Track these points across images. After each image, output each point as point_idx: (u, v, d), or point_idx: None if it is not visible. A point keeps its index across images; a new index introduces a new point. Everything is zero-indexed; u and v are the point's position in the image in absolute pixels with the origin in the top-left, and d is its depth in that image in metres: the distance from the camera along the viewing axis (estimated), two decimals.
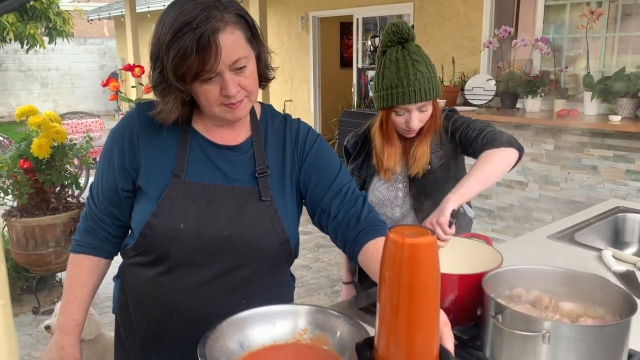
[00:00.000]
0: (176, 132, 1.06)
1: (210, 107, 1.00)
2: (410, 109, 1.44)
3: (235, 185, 1.06)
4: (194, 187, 1.04)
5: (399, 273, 0.75)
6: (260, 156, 1.08)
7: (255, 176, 1.07)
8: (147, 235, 1.04)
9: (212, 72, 0.94)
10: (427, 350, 0.77)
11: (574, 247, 1.67)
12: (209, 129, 1.08)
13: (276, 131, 1.13)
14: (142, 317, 1.12)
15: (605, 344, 0.92)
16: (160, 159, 1.05)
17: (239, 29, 0.95)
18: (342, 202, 1.09)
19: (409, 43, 1.44)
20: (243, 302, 1.07)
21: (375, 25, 6.85)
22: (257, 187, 1.06)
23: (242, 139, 1.09)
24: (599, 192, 3.45)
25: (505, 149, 1.38)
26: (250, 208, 1.05)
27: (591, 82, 3.52)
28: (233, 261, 1.06)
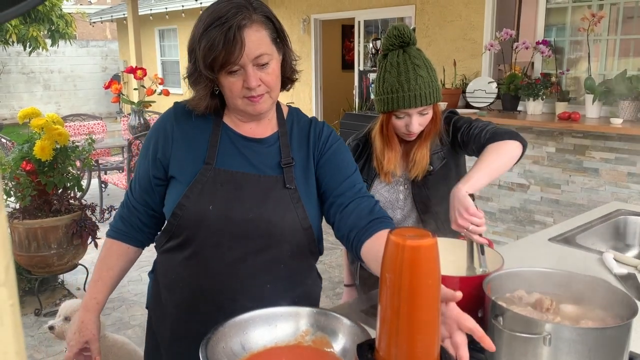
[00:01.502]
0: (208, 126, 1.16)
1: (234, 99, 1.09)
2: (411, 113, 1.45)
3: (262, 173, 1.13)
4: (223, 173, 1.12)
5: (400, 275, 0.75)
6: (286, 149, 1.16)
7: (281, 166, 1.14)
8: (177, 215, 1.11)
9: (236, 64, 1.03)
10: (428, 352, 0.77)
11: (575, 249, 1.68)
12: (237, 123, 1.17)
13: (301, 129, 1.21)
14: (172, 302, 1.18)
15: (606, 347, 0.93)
16: (193, 149, 1.14)
17: (264, 29, 1.05)
18: (354, 195, 1.15)
19: (410, 47, 1.45)
20: (268, 286, 1.13)
21: (377, 27, 6.86)
22: (282, 175, 1.14)
23: (269, 134, 1.18)
24: (601, 195, 3.45)
25: (510, 141, 1.38)
26: (275, 194, 1.12)
27: (592, 85, 3.52)
28: (257, 244, 1.11)
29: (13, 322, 0.28)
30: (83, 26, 12.66)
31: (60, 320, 2.16)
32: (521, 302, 1.10)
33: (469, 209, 1.19)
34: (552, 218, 3.70)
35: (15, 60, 12.11)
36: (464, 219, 1.20)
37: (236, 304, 1.09)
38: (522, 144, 1.40)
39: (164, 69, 10.93)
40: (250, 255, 1.11)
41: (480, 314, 1.09)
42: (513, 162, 1.39)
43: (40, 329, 2.98)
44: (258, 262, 1.12)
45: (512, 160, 1.38)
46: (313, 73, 7.60)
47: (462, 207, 1.20)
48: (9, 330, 0.28)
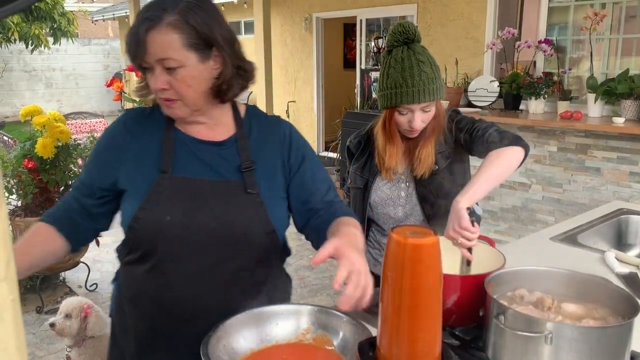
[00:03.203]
0: (160, 133, 1.11)
1: (155, 97, 1.06)
2: (414, 109, 1.44)
3: (222, 179, 1.09)
4: (180, 181, 1.07)
5: (401, 273, 0.75)
6: (245, 152, 1.11)
7: (241, 170, 1.10)
8: (134, 228, 1.06)
9: (143, 62, 1.01)
10: (429, 350, 0.77)
11: (577, 248, 1.67)
12: (187, 126, 1.11)
13: (264, 130, 1.16)
14: (137, 316, 1.13)
15: (607, 346, 0.92)
16: (146, 158, 1.08)
17: (176, 33, 0.99)
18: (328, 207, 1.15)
19: (415, 43, 1.45)
20: (235, 293, 1.09)
21: (379, 26, 6.85)
22: (242, 180, 1.09)
23: (226, 136, 1.13)
24: (602, 194, 3.44)
25: (511, 147, 1.38)
26: (236, 200, 1.08)
27: (595, 84, 3.51)
28: (221, 253, 1.07)
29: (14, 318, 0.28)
30: (85, 24, 12.66)
31: (61, 318, 2.16)
32: (523, 301, 1.09)
33: (461, 223, 1.23)
34: (554, 217, 3.69)
35: (18, 58, 12.12)
36: (456, 232, 1.24)
37: (202, 316, 1.06)
38: (524, 149, 1.40)
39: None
40: (214, 265, 1.07)
41: (481, 313, 1.09)
42: (514, 169, 1.39)
43: (41, 326, 2.99)
44: (222, 271, 1.08)
45: (512, 168, 1.39)
46: (315, 72, 7.60)
47: (456, 219, 1.24)
48: (10, 326, 0.28)
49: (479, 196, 1.32)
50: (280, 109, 7.99)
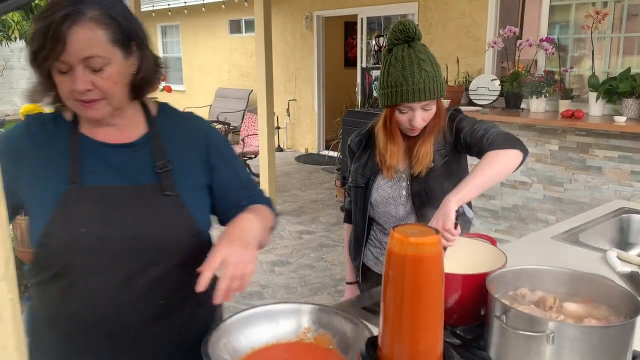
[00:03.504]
0: (65, 140, 1.02)
1: (67, 100, 0.97)
2: (414, 107, 1.44)
3: (137, 183, 1.02)
4: (92, 191, 1.00)
5: (403, 272, 0.75)
6: (160, 152, 1.05)
7: (156, 172, 1.03)
8: (45, 245, 0.97)
9: (61, 61, 0.92)
10: (430, 350, 0.77)
11: (578, 247, 1.67)
12: (95, 130, 1.04)
13: (179, 127, 1.11)
14: (56, 336, 1.05)
15: (609, 345, 0.92)
16: (51, 169, 1.00)
17: (101, 28, 0.93)
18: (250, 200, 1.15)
19: (416, 42, 1.44)
20: (160, 302, 1.04)
21: (380, 24, 6.84)
22: (159, 182, 1.03)
23: (137, 136, 1.06)
24: (604, 193, 3.44)
25: (509, 150, 1.37)
26: (155, 204, 1.02)
27: (596, 83, 3.50)
28: (142, 261, 1.01)
29: (13, 317, 0.27)
30: None
31: None
32: (524, 300, 1.09)
33: (446, 223, 1.24)
34: (555, 216, 3.69)
35: (18, 56, 12.11)
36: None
37: (128, 329, 1.02)
38: (522, 153, 1.39)
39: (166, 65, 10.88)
40: (135, 275, 1.01)
41: (482, 312, 1.09)
42: (509, 172, 1.39)
43: None
44: (145, 281, 1.02)
45: (508, 171, 1.38)
46: (315, 70, 7.59)
47: (441, 218, 1.25)
48: (9, 325, 0.27)
49: (471, 196, 1.32)
50: (281, 108, 7.98)
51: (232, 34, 9.18)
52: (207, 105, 9.27)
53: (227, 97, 8.95)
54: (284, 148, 8.37)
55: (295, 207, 5.39)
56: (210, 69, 9.75)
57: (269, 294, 3.46)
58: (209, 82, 9.78)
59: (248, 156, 6.28)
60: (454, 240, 1.25)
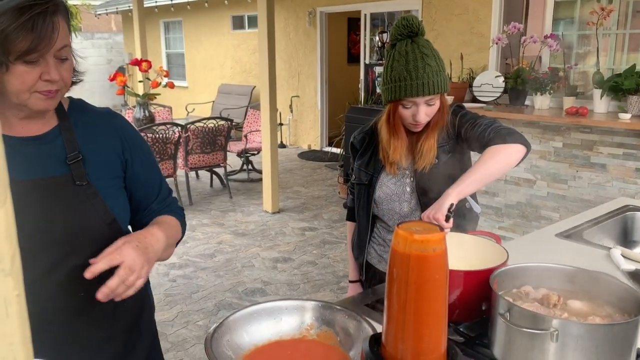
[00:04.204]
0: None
1: (22, 93, 0.95)
2: (418, 102, 1.44)
3: (47, 175, 1.02)
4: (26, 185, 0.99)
5: (407, 270, 0.75)
6: (71, 144, 1.05)
7: (67, 163, 1.04)
8: None
9: (41, 52, 0.92)
10: (434, 347, 0.76)
11: (582, 245, 1.66)
12: (8, 124, 1.01)
13: (92, 120, 1.12)
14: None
15: (614, 343, 0.92)
16: None
17: (65, 19, 0.95)
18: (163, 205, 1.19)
19: (419, 37, 1.44)
20: (81, 294, 1.04)
21: (383, 20, 6.82)
22: (70, 174, 1.03)
23: (47, 129, 1.05)
24: (608, 191, 3.43)
25: (511, 145, 1.37)
26: (65, 194, 1.02)
27: (601, 80, 3.49)
28: (57, 253, 1.01)
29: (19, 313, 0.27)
30: (88, 18, 12.65)
31: None
32: (528, 298, 1.09)
33: (437, 214, 1.28)
34: (559, 213, 3.68)
35: None
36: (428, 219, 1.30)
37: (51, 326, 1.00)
38: (525, 147, 1.39)
39: (169, 61, 10.93)
40: (53, 268, 1.00)
41: (484, 307, 1.09)
42: (511, 167, 1.39)
43: None
44: (63, 272, 1.01)
45: (509, 165, 1.38)
46: (318, 66, 7.58)
47: (434, 209, 1.29)
48: (15, 321, 0.27)
49: (470, 191, 1.34)
50: (284, 104, 7.98)
51: (235, 30, 9.16)
52: (209, 102, 9.27)
53: (229, 93, 8.94)
54: (286, 144, 8.37)
55: (297, 203, 5.40)
56: (213, 65, 9.75)
57: (272, 290, 3.46)
58: (212, 78, 9.78)
59: (251, 152, 6.28)
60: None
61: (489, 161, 1.35)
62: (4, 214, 0.27)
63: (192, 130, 5.21)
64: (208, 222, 4.87)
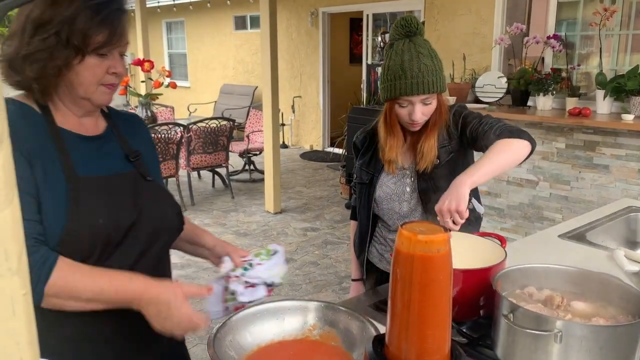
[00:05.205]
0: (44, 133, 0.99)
1: (90, 86, 0.98)
2: (414, 101, 1.44)
3: (120, 172, 1.07)
4: (90, 182, 1.01)
5: (411, 270, 0.74)
6: (125, 142, 1.11)
7: (130, 160, 1.09)
8: (68, 242, 0.95)
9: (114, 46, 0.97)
10: (438, 348, 0.76)
11: (586, 246, 1.66)
12: (75, 123, 1.04)
13: (126, 121, 1.17)
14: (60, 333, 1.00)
15: (617, 345, 0.91)
16: (45, 164, 0.97)
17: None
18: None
19: (417, 37, 1.44)
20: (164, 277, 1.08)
21: (386, 21, 6.82)
22: (135, 170, 1.09)
23: (102, 129, 1.10)
24: (611, 192, 3.42)
25: (519, 140, 1.37)
26: (141, 190, 1.08)
27: (604, 80, 3.48)
28: (142, 245, 1.05)
29: (26, 312, 0.27)
30: None
31: None
32: (531, 299, 1.09)
33: (460, 205, 1.22)
34: (561, 214, 3.67)
35: None
36: (449, 211, 1.24)
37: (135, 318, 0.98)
38: (531, 144, 1.39)
39: (171, 61, 10.94)
40: (141, 257, 1.05)
41: (482, 302, 1.12)
42: (519, 161, 1.39)
43: None
44: (149, 261, 1.06)
45: (518, 159, 1.38)
46: (321, 66, 7.58)
47: (455, 199, 1.23)
48: (22, 320, 0.27)
49: (484, 181, 1.32)
50: (286, 104, 7.98)
51: (237, 30, 9.17)
52: (212, 102, 9.28)
53: (231, 93, 8.95)
54: (288, 145, 8.37)
55: (299, 204, 5.40)
56: (215, 65, 9.76)
57: (274, 290, 3.46)
58: (214, 79, 9.79)
59: (253, 153, 6.29)
60: (459, 224, 1.25)
61: (500, 153, 1.34)
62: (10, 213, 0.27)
63: (194, 130, 5.21)
64: (210, 222, 4.87)
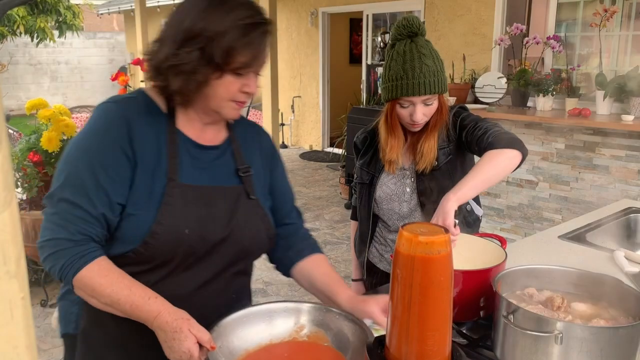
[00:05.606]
0: (163, 135, 1.01)
1: (222, 101, 1.01)
2: (415, 101, 1.43)
3: (225, 185, 1.07)
4: (190, 189, 1.01)
5: (412, 272, 0.74)
6: (240, 156, 1.11)
7: (239, 175, 1.09)
8: (150, 244, 0.98)
9: (253, 68, 0.99)
10: (438, 350, 0.76)
11: (586, 247, 1.66)
12: (195, 129, 1.05)
13: (249, 135, 1.16)
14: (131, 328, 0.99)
15: (618, 346, 0.91)
16: (152, 162, 0.99)
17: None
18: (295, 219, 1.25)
19: (419, 37, 1.44)
20: (233, 296, 1.11)
21: (385, 21, 6.81)
22: (242, 185, 1.08)
23: (222, 139, 1.10)
24: (610, 192, 3.42)
25: (508, 150, 1.35)
26: (242, 207, 1.07)
27: (604, 81, 3.48)
28: (227, 260, 1.07)
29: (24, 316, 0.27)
30: (90, 18, 12.65)
31: None
32: (532, 300, 1.08)
33: (445, 222, 1.23)
34: (561, 215, 3.67)
35: (23, 51, 12.14)
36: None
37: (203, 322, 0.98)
38: (521, 154, 1.37)
39: None
40: (220, 273, 1.06)
41: (482, 303, 1.12)
42: (508, 172, 1.38)
43: (46, 319, 3.00)
44: (226, 278, 1.08)
45: (506, 171, 1.37)
46: (320, 67, 7.57)
47: (441, 217, 1.24)
48: (20, 324, 0.27)
49: (470, 196, 1.31)
50: (286, 104, 7.98)
51: None
52: None
53: None
54: (288, 145, 8.37)
55: (299, 204, 5.35)
56: None
57: (273, 291, 3.46)
58: None
59: None
60: (454, 241, 1.25)
61: (486, 166, 1.33)
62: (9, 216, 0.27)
63: None
64: None
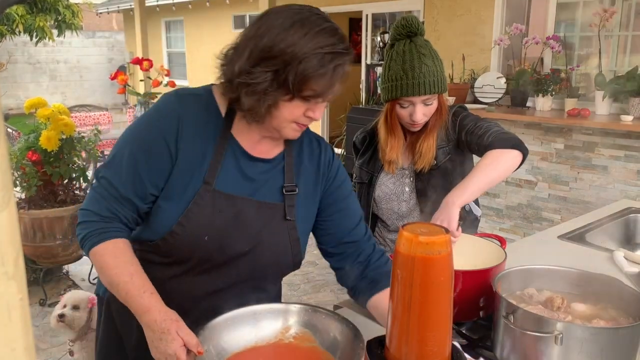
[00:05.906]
0: (214, 137, 1.01)
1: (284, 122, 0.98)
2: (415, 101, 1.43)
3: (262, 199, 1.04)
4: (222, 197, 1.00)
5: (412, 271, 0.74)
6: (290, 173, 1.07)
7: (283, 192, 1.05)
8: (169, 241, 1.00)
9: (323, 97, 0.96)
10: (439, 350, 0.76)
11: (585, 247, 1.66)
12: (250, 140, 1.04)
13: (310, 152, 1.11)
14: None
15: (618, 346, 0.91)
16: (194, 163, 0.99)
17: None
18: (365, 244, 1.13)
19: (418, 37, 1.44)
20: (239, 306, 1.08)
21: (385, 21, 6.81)
22: (282, 203, 1.05)
23: (276, 153, 1.07)
24: (610, 193, 3.42)
25: (509, 150, 1.36)
26: (274, 226, 1.04)
27: (603, 81, 3.48)
28: (246, 274, 1.06)
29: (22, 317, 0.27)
30: (89, 17, 12.62)
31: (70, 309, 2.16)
32: (532, 300, 1.08)
33: (451, 224, 1.23)
34: (560, 215, 3.67)
35: (22, 50, 12.12)
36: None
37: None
38: (522, 154, 1.38)
39: (170, 60, 10.92)
40: (237, 284, 1.06)
41: (482, 304, 1.12)
42: (509, 172, 1.38)
43: (44, 319, 2.99)
44: (243, 289, 1.07)
45: (508, 171, 1.37)
46: None
47: (446, 219, 1.24)
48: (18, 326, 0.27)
49: (473, 198, 1.32)
50: None
51: (236, 30, 9.16)
52: None
53: None
54: None
55: None
56: (214, 65, 9.73)
57: None
58: (213, 78, 9.70)
59: None
60: (454, 242, 1.25)
61: (488, 167, 1.33)
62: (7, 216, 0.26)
63: None
64: None
